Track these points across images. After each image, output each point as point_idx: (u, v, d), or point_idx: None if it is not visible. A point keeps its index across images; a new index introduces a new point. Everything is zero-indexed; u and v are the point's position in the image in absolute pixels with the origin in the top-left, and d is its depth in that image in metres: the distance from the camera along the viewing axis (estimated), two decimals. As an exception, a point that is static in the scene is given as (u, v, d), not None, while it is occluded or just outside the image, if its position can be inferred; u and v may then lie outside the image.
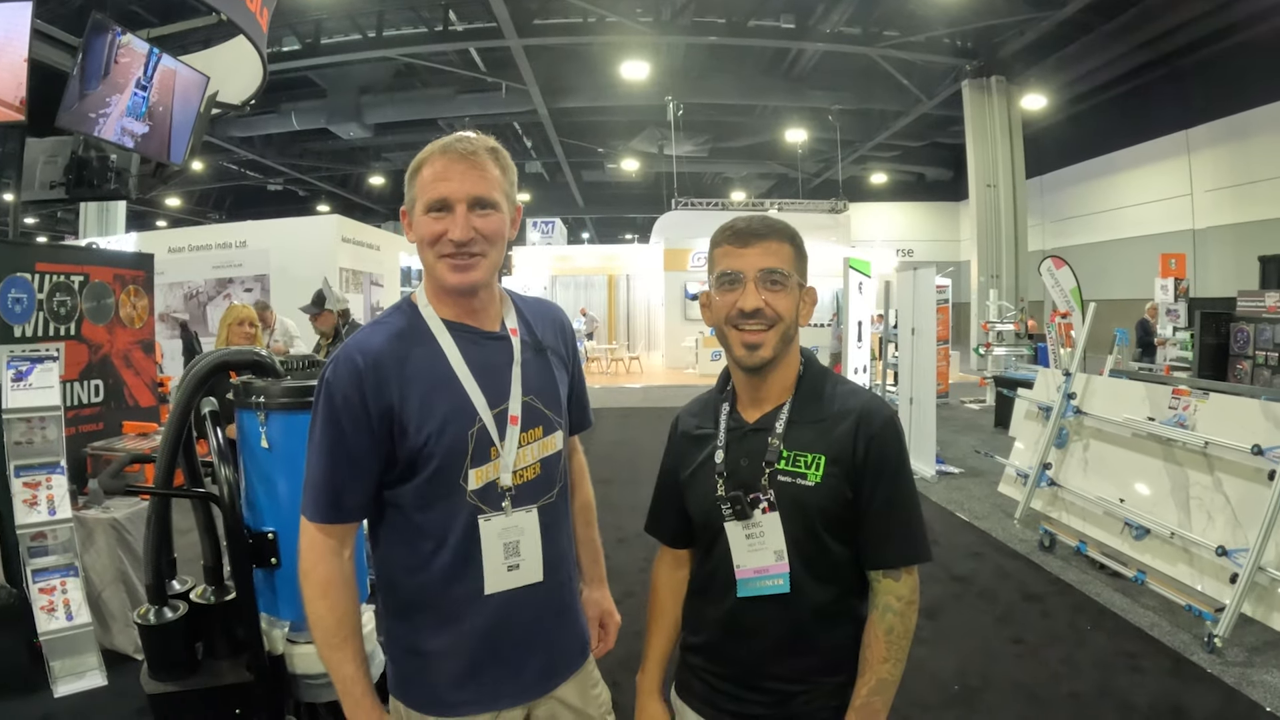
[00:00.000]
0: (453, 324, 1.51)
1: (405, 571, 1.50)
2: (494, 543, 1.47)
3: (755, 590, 1.44)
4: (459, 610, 1.48)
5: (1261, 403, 4.03)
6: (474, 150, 1.45)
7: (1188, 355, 10.10)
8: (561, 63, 16.80)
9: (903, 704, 1.49)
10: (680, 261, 19.55)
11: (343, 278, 12.38)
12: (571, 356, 1.71)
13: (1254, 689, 3.53)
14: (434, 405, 1.43)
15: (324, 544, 1.46)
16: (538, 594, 1.53)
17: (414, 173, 1.46)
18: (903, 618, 1.41)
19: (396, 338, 1.47)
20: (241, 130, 19.05)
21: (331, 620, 1.45)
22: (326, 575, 1.45)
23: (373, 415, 1.41)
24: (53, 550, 3.59)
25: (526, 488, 1.51)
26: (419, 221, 1.45)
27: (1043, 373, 6.16)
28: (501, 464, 1.48)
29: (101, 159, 4.65)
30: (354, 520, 1.48)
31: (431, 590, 1.48)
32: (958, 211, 26.21)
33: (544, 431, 1.55)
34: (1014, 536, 5.80)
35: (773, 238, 1.43)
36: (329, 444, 1.43)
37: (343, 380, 1.41)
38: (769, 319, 1.41)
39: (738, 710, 1.49)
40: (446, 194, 1.43)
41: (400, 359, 1.44)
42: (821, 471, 1.40)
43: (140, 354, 4.72)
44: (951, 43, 15.80)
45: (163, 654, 2.52)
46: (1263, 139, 15.13)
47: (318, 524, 1.45)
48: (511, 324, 1.58)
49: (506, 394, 1.50)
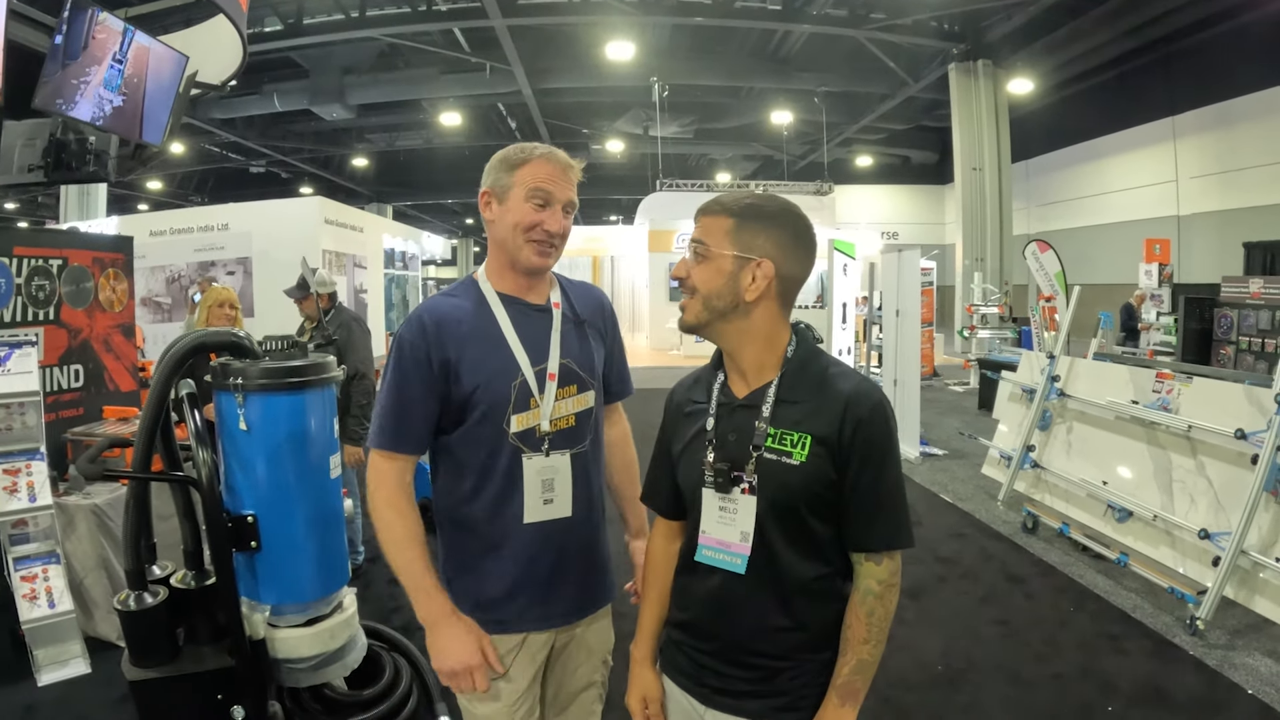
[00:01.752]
0: (506, 297, 1.78)
1: (459, 500, 1.76)
2: (534, 479, 1.73)
3: (711, 560, 1.48)
4: (502, 535, 1.74)
5: (1245, 387, 4.06)
6: (570, 165, 1.75)
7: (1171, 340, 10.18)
8: (546, 43, 16.63)
9: (886, 684, 1.50)
10: (665, 243, 19.51)
11: (326, 260, 12.28)
12: (610, 332, 1.97)
13: (1235, 671, 3.57)
14: (484, 361, 1.71)
15: (388, 468, 1.71)
16: (569, 529, 1.78)
17: (512, 166, 1.71)
18: (882, 600, 1.42)
19: (459, 305, 1.75)
20: (223, 112, 18.78)
21: (400, 526, 1.68)
22: (392, 490, 1.70)
23: (434, 365, 1.67)
24: (34, 537, 3.55)
25: (561, 435, 1.77)
26: (518, 207, 1.70)
27: (1027, 355, 6.19)
28: (541, 412, 1.73)
29: (80, 141, 4.57)
30: (412, 451, 1.72)
31: (479, 517, 1.74)
32: (943, 195, 26.22)
33: (578, 389, 1.81)
34: (997, 518, 5.84)
35: (713, 212, 1.47)
36: (396, 385, 1.69)
37: (413, 334, 1.69)
38: (689, 287, 1.47)
39: (722, 686, 1.50)
40: (554, 191, 1.71)
41: (459, 321, 1.72)
42: (807, 451, 1.39)
43: (120, 338, 4.67)
44: (938, 26, 15.72)
45: (144, 640, 2.51)
46: (1248, 126, 15.17)
47: (382, 451, 1.71)
48: (555, 299, 1.84)
49: (546, 355, 1.76)
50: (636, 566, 1.97)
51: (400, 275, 17.97)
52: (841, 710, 1.42)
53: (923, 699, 3.36)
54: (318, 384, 2.55)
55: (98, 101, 4.26)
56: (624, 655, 1.74)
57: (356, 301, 13.84)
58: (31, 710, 3.25)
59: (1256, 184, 14.97)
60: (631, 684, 1.67)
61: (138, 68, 4.44)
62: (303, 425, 2.51)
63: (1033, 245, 14.01)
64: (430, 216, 35.96)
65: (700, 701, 1.53)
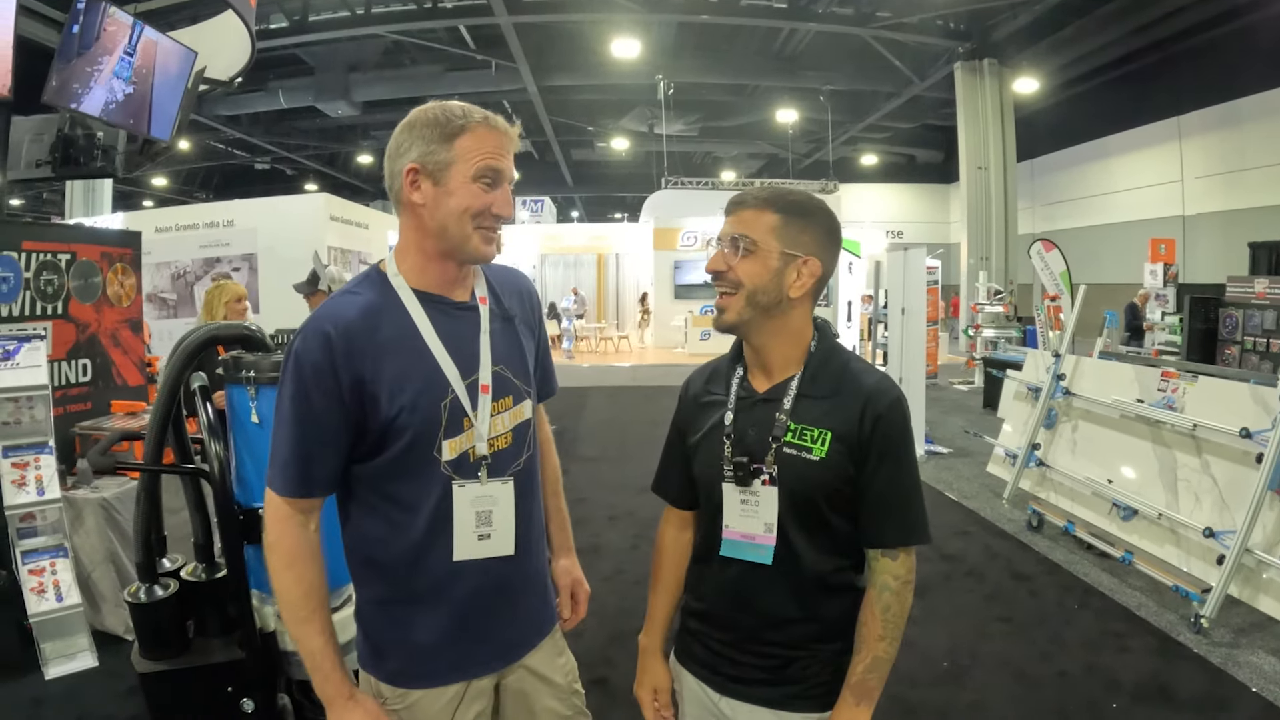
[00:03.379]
0: (423, 294, 1.48)
1: (377, 544, 1.49)
2: (466, 510, 1.47)
3: (737, 553, 1.47)
4: (430, 581, 1.49)
5: (1250, 386, 4.05)
6: (509, 130, 1.46)
7: (1176, 340, 10.16)
8: (552, 41, 16.64)
9: (893, 680, 1.50)
10: (670, 240, 19.49)
11: (331, 256, 12.29)
12: (537, 324, 1.71)
13: (1240, 669, 3.57)
14: (406, 377, 1.42)
15: (291, 517, 1.43)
16: (508, 565, 1.54)
17: (449, 135, 1.41)
18: (899, 597, 1.42)
19: (367, 308, 1.44)
20: (229, 109, 18.84)
21: (298, 593, 1.43)
22: (292, 548, 1.43)
23: (344, 386, 1.38)
24: (42, 531, 3.57)
25: (500, 456, 1.52)
26: (464, 189, 1.41)
27: (1032, 354, 6.18)
28: (476, 433, 1.48)
29: (88, 136, 4.60)
30: (322, 494, 1.46)
31: (403, 562, 1.48)
32: (948, 194, 26.20)
33: (514, 400, 1.55)
34: (1002, 516, 5.84)
35: (754, 206, 1.42)
36: (298, 415, 1.40)
37: (313, 350, 1.38)
38: (731, 283, 1.42)
39: (736, 674, 1.51)
40: (503, 168, 1.44)
41: (371, 329, 1.42)
42: (827, 447, 1.40)
43: (128, 333, 4.68)
44: (944, 25, 15.70)
45: (153, 632, 2.52)
46: (1254, 127, 15.14)
47: (285, 498, 1.43)
48: (481, 293, 1.57)
49: (477, 364, 1.50)
50: (561, 589, 1.80)
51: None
52: (857, 710, 1.43)
53: (928, 696, 3.38)
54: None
55: (106, 96, 4.28)
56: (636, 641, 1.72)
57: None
58: (39, 703, 3.27)
59: (1262, 184, 14.95)
60: (641, 674, 1.68)
61: (146, 63, 4.46)
62: (313, 419, 2.52)
63: (1038, 244, 14.01)
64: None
65: (715, 690, 1.54)
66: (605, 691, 3.31)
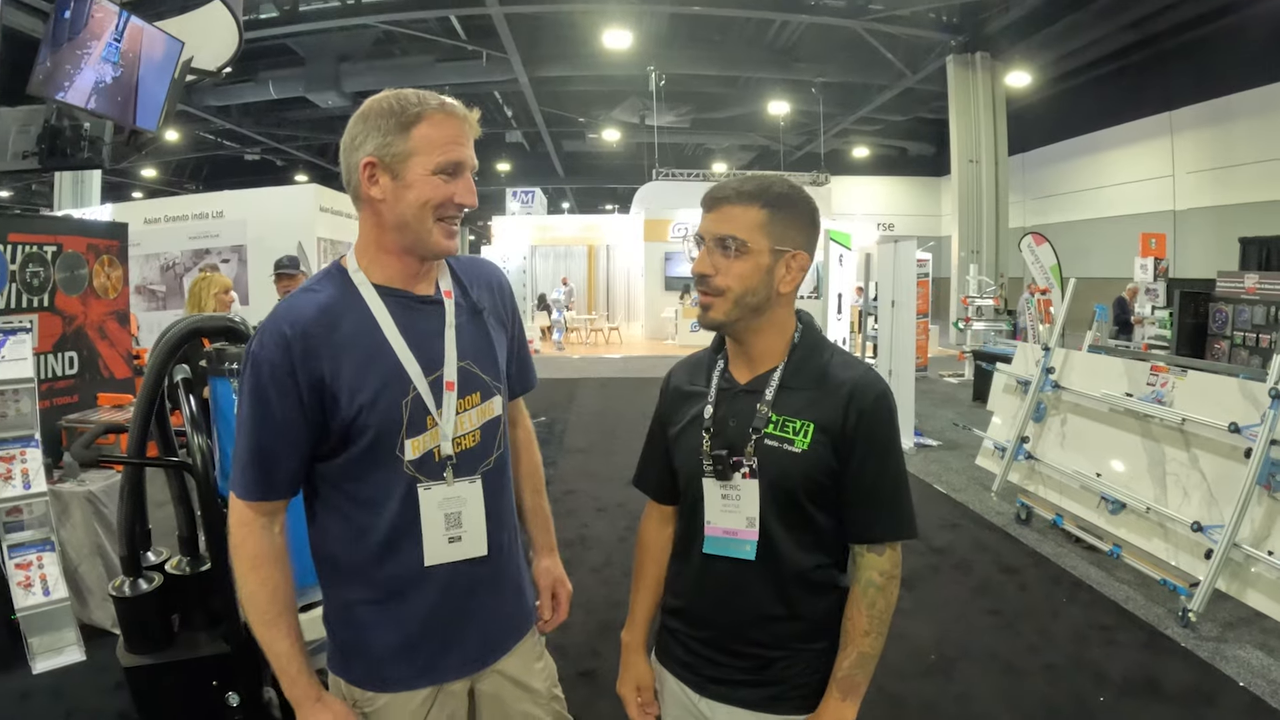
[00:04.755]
0: (385, 289, 1.45)
1: (342, 545, 1.47)
2: (434, 513, 1.45)
3: (720, 550, 1.44)
4: (398, 584, 1.47)
5: (1239, 381, 4.06)
6: (467, 116, 1.41)
7: (1166, 334, 10.19)
8: (543, 31, 16.59)
9: (880, 673, 1.50)
10: (660, 232, 19.50)
11: (321, 248, 12.24)
12: (511, 316, 1.67)
13: (1227, 664, 3.59)
14: (366, 375, 1.39)
15: (254, 520, 1.41)
16: (480, 566, 1.51)
17: (405, 124, 1.36)
18: (884, 592, 1.41)
19: (326, 305, 1.41)
20: (218, 99, 18.71)
21: (264, 595, 1.41)
22: (256, 550, 1.41)
23: (302, 386, 1.36)
24: (28, 525, 3.54)
25: (467, 455, 1.49)
26: (423, 181, 1.37)
27: (1022, 347, 6.19)
28: (441, 432, 1.45)
29: (75, 128, 4.55)
30: (284, 496, 1.44)
31: (369, 563, 1.46)
32: (939, 187, 26.21)
33: (482, 397, 1.52)
34: (991, 509, 5.86)
35: (738, 201, 1.38)
36: (257, 418, 1.37)
37: (270, 351, 1.35)
38: (716, 287, 1.38)
39: (716, 675, 1.49)
40: (462, 159, 1.39)
41: (329, 327, 1.39)
42: (809, 439, 1.38)
43: (115, 325, 4.65)
44: (937, 18, 15.71)
45: (138, 626, 2.51)
46: (1245, 123, 15.18)
47: (246, 501, 1.41)
48: (446, 286, 1.53)
49: (441, 360, 1.46)
50: (542, 589, 1.78)
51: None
52: (843, 705, 1.41)
53: (916, 688, 3.39)
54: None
55: (92, 86, 4.24)
56: (616, 642, 1.71)
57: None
58: (26, 698, 3.25)
59: (1252, 180, 14.99)
60: (624, 671, 1.66)
61: (132, 52, 4.41)
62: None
63: (1028, 238, 14.04)
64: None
65: (694, 690, 1.52)
66: (592, 684, 3.31)
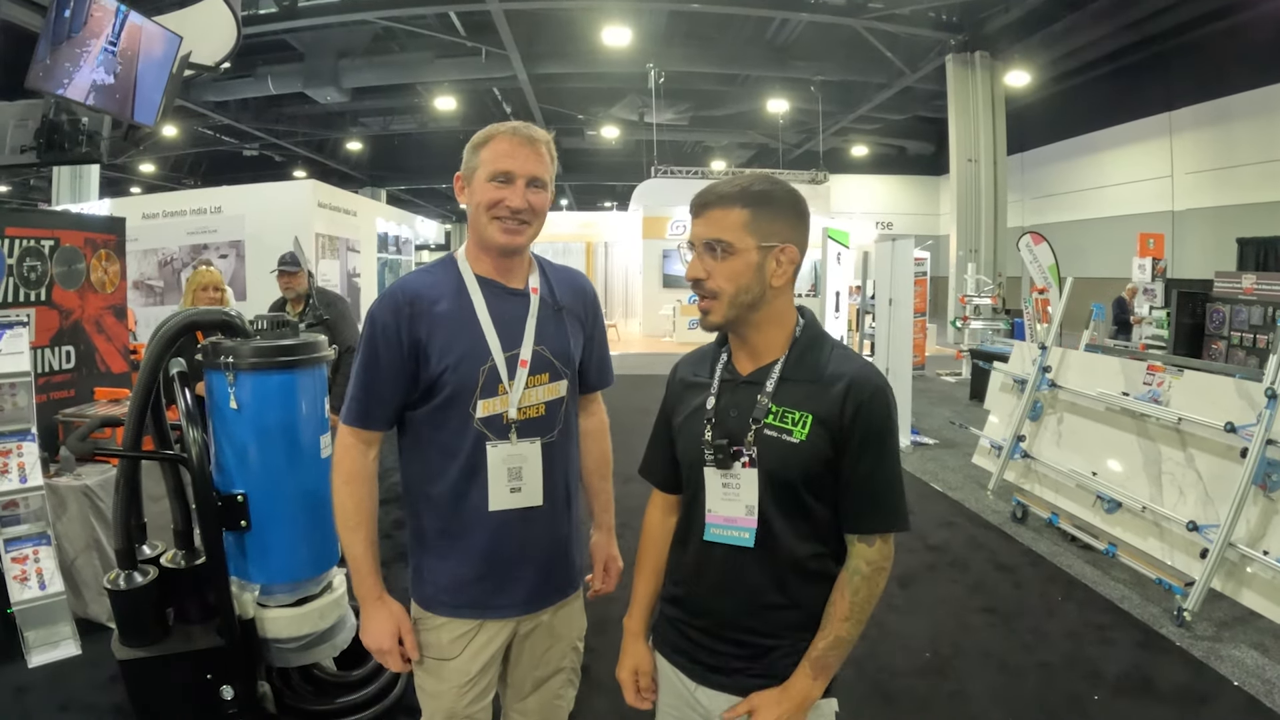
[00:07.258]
0: (483, 279, 1.76)
1: (422, 481, 1.77)
2: (499, 466, 1.72)
3: (720, 538, 1.48)
4: (464, 521, 1.74)
5: (1236, 380, 4.07)
6: (535, 138, 1.71)
7: (1163, 334, 10.20)
8: (542, 28, 16.54)
9: (874, 670, 1.50)
10: (659, 229, 19.49)
11: (319, 243, 12.22)
12: (591, 320, 1.94)
13: (1222, 663, 3.60)
14: (454, 343, 1.69)
15: (354, 445, 1.74)
16: (537, 518, 1.77)
17: (476, 146, 1.71)
18: (869, 581, 1.43)
19: (433, 284, 1.74)
20: (216, 94, 18.65)
21: (350, 505, 1.73)
22: (351, 468, 1.73)
23: (404, 343, 1.68)
24: (25, 519, 3.54)
25: (530, 423, 1.75)
26: (480, 188, 1.69)
27: (1019, 346, 6.20)
28: (510, 399, 1.72)
29: (73, 122, 4.54)
30: (379, 428, 1.74)
31: (443, 501, 1.74)
32: (938, 186, 26.24)
33: (550, 378, 1.78)
34: (987, 507, 5.87)
35: (720, 204, 1.42)
36: (367, 361, 1.70)
37: (386, 312, 1.70)
38: (711, 291, 1.44)
39: (712, 663, 1.51)
40: (512, 168, 1.68)
41: (434, 301, 1.71)
42: (808, 430, 1.41)
43: (112, 319, 4.65)
44: (936, 17, 15.67)
45: (133, 620, 2.51)
46: (1244, 123, 15.20)
47: (351, 427, 1.73)
48: (534, 284, 1.82)
49: (519, 341, 1.74)
50: (596, 561, 2.06)
51: (394, 259, 17.90)
52: (814, 683, 1.44)
53: (910, 686, 3.38)
54: (309, 363, 2.55)
55: (90, 81, 4.23)
56: (617, 629, 1.73)
57: (349, 285, 13.79)
58: (22, 691, 3.25)
59: (1251, 181, 15.02)
60: (623, 656, 1.68)
61: (130, 47, 4.40)
62: (294, 404, 2.51)
63: (1026, 237, 14.03)
64: (424, 201, 35.80)
65: (692, 679, 1.54)
66: (586, 679, 3.30)
